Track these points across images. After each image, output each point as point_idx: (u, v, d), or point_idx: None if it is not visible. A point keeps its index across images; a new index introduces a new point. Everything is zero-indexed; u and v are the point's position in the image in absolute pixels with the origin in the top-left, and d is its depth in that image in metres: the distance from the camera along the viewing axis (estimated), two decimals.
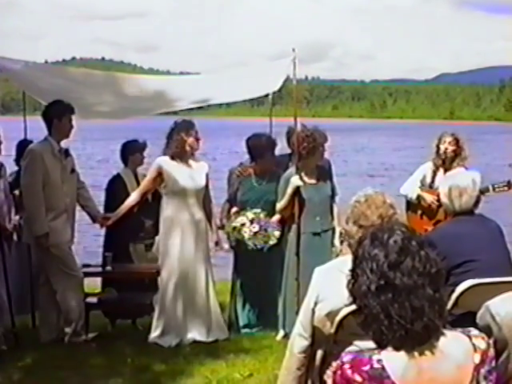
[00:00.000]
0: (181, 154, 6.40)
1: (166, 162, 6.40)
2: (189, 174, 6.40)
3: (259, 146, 6.70)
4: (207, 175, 6.55)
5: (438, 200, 5.70)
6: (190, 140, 6.41)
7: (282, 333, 6.42)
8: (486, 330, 2.90)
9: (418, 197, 6.88)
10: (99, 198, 7.31)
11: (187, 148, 6.41)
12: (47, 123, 6.20)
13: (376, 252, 1.97)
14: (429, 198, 6.74)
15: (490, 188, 6.37)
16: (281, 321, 6.47)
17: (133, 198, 6.59)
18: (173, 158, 6.39)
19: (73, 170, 6.40)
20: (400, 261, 1.94)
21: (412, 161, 7.49)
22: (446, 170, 6.70)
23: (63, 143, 6.30)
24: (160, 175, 6.41)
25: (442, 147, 6.81)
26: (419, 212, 6.91)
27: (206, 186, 6.55)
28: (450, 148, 6.79)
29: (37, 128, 6.30)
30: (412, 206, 6.98)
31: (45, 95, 6.79)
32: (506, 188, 6.43)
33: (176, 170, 6.37)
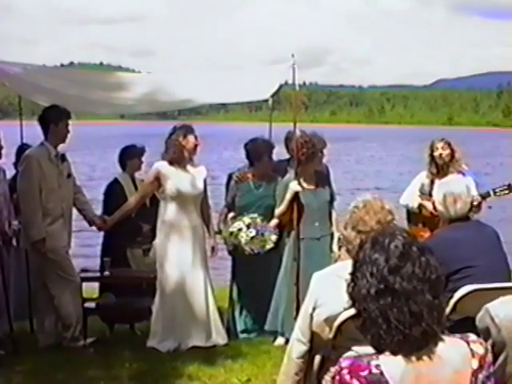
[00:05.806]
0: (179, 159, 6.39)
1: (164, 166, 6.39)
2: (187, 179, 6.39)
3: (256, 150, 6.71)
4: (205, 180, 6.55)
5: None
6: (189, 145, 6.42)
7: (270, 330, 6.46)
8: (485, 333, 2.90)
9: (419, 206, 6.82)
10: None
11: (185, 153, 6.41)
12: (44, 128, 6.20)
13: (377, 256, 1.98)
14: (430, 206, 6.50)
15: (491, 192, 6.35)
16: (269, 321, 6.46)
17: (131, 201, 6.60)
18: (171, 162, 6.39)
19: (69, 175, 6.39)
20: (400, 266, 1.95)
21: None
22: (442, 176, 6.44)
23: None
24: (158, 180, 6.41)
25: (437, 154, 6.76)
26: (421, 222, 6.83)
27: (205, 191, 6.54)
28: (445, 153, 6.75)
29: (35, 132, 6.30)
30: (413, 217, 6.91)
31: (44, 96, 6.78)
32: (506, 191, 6.37)
33: (174, 175, 6.36)
